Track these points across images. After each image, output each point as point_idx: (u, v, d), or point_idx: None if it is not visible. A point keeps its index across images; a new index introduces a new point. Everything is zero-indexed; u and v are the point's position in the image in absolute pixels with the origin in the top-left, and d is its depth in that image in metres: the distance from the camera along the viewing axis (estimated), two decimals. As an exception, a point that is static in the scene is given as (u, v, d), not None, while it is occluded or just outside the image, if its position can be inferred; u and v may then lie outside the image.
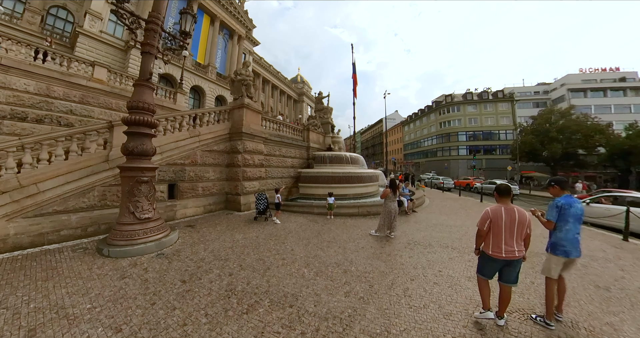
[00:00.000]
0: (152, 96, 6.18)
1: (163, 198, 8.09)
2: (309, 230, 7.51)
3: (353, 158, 15.93)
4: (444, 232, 7.43)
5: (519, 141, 35.36)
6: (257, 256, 5.16)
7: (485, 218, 3.07)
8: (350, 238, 6.73)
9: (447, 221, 8.94)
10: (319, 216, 9.65)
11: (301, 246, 5.97)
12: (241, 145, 10.97)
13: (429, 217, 9.67)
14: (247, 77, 12.12)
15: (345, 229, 7.70)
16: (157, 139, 7.76)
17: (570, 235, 3.07)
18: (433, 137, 54.68)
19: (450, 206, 12.85)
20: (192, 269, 4.42)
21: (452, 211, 11.26)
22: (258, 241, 6.25)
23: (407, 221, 8.93)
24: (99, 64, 12.20)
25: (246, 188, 10.92)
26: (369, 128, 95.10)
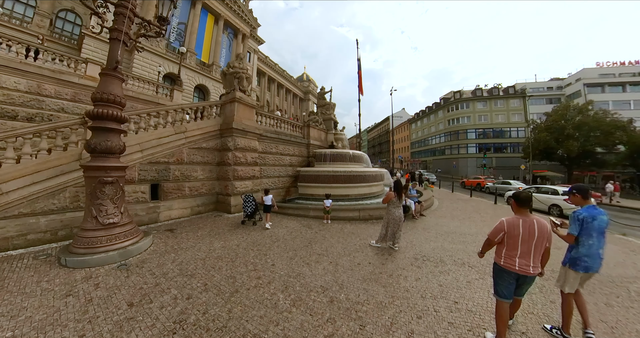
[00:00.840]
0: (121, 88, 5.50)
1: (144, 199, 7.42)
2: (300, 238, 6.45)
3: (356, 155, 14.75)
4: (458, 243, 6.20)
5: (532, 139, 33.36)
6: (229, 273, 4.27)
7: (500, 229, 2.73)
8: (346, 249, 5.62)
9: (460, 228, 7.68)
10: (315, 220, 8.57)
11: (285, 259, 4.95)
12: (232, 142, 10.05)
13: (439, 223, 8.45)
14: (240, 70, 11.13)
15: (342, 237, 6.59)
16: (138, 136, 7.32)
17: (593, 250, 2.80)
18: (441, 135, 52.68)
19: (462, 208, 11.51)
20: (148, 287, 3.70)
21: (464, 215, 9.99)
22: (237, 251, 5.33)
23: (414, 227, 7.73)
24: (92, 61, 11.73)
25: (237, 188, 9.97)
26: (375, 126, 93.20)
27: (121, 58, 5.41)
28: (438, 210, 10.83)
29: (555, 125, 30.85)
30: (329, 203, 8.31)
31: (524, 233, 2.59)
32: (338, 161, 14.03)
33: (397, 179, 5.87)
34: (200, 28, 26.12)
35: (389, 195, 5.61)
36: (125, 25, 5.41)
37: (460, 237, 6.70)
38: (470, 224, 8.38)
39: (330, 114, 16.92)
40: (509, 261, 2.66)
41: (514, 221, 2.67)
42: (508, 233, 2.67)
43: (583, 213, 2.82)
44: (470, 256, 5.29)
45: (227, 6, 28.47)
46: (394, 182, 5.75)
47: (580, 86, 40.78)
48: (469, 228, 7.74)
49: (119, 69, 5.37)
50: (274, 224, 7.83)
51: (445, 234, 6.98)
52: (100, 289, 3.62)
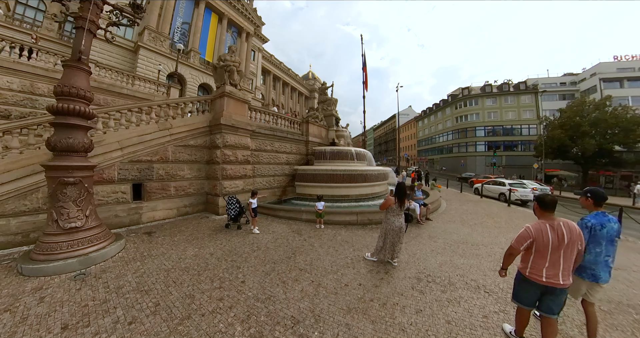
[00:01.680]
0: (87, 80, 5.05)
1: (125, 199, 6.98)
2: (284, 247, 5.54)
3: (358, 153, 13.69)
4: (470, 257, 5.12)
5: (545, 137, 31.49)
6: (189, 290, 3.59)
7: (525, 237, 2.42)
8: (335, 264, 4.65)
9: (471, 237, 6.56)
10: (308, 224, 7.63)
11: (259, 275, 4.11)
12: (220, 139, 9.28)
13: (447, 229, 7.33)
14: (231, 62, 10.27)
15: (333, 247, 5.61)
16: (118, 133, 6.90)
17: (600, 259, 2.63)
18: (449, 132, 50.76)
19: (472, 211, 10.26)
20: (94, 305, 3.20)
21: (475, 219, 8.77)
22: (209, 261, 4.61)
23: (419, 235, 6.66)
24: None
25: (226, 188, 9.21)
26: (381, 124, 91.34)
27: (86, 48, 4.94)
28: (446, 213, 9.67)
29: (569, 122, 28.94)
30: (322, 205, 7.34)
31: (554, 240, 2.31)
32: (339, 159, 13.05)
33: (399, 182, 4.71)
34: (204, 27, 25.91)
35: (388, 201, 4.56)
36: (91, 12, 4.98)
37: (472, 249, 5.60)
38: (483, 231, 7.25)
39: (332, 110, 15.88)
40: (536, 272, 2.40)
41: (540, 227, 2.37)
42: (537, 241, 2.37)
43: (591, 221, 2.66)
44: (486, 275, 4.24)
45: (230, 5, 28.08)
46: (396, 185, 4.63)
47: (595, 81, 38.38)
48: (482, 237, 6.63)
49: (83, 59, 4.89)
50: (262, 227, 7.10)
51: (455, 244, 5.89)
52: (43, 304, 3.18)
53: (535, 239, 2.38)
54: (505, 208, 11.32)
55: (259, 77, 38.31)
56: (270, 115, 12.27)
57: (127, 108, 7.49)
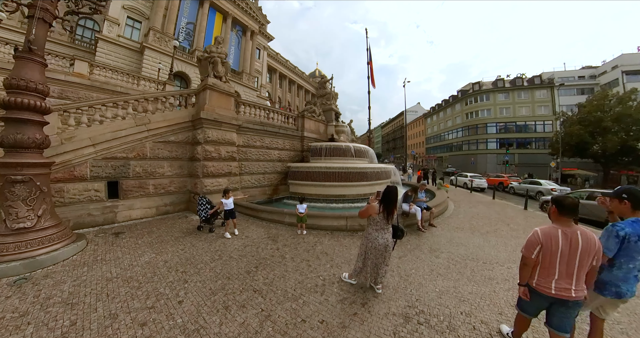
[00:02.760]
0: (40, 73, 4.66)
1: (99, 197, 6.54)
2: (250, 257, 4.57)
3: (358, 150, 12.45)
4: (482, 281, 3.82)
5: (562, 133, 29.13)
6: (117, 307, 3.00)
7: (534, 242, 2.08)
8: (300, 286, 3.56)
9: (483, 250, 5.21)
10: (289, 228, 6.58)
11: (204, 294, 3.31)
12: (201, 134, 8.47)
13: (453, 238, 5.95)
14: (216, 54, 9.35)
15: (307, 260, 4.51)
16: (91, 129, 6.50)
17: (631, 275, 2.09)
18: (458, 129, 48.28)
19: (483, 215, 8.69)
20: (11, 318, 2.76)
21: (488, 225, 7.28)
22: (157, 271, 3.96)
23: (418, 246, 5.37)
24: (80, 58, 11.44)
25: (207, 186, 8.38)
26: (389, 122, 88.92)
27: (39, 38, 4.55)
28: (453, 218, 8.23)
29: (590, 117, 26.53)
30: (303, 208, 6.23)
31: (565, 248, 1.95)
32: (337, 155, 11.86)
33: (390, 186, 3.33)
34: (209, 27, 25.54)
35: (370, 208, 3.34)
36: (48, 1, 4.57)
37: (484, 268, 4.29)
38: (498, 242, 5.88)
39: (331, 104, 14.66)
40: (543, 283, 2.04)
41: (551, 232, 2.01)
42: (544, 248, 2.02)
43: (626, 229, 2.03)
44: (503, 314, 3.00)
45: (234, 4, 27.59)
46: (384, 189, 3.34)
47: (617, 74, 35.40)
48: (496, 250, 5.26)
49: (34, 50, 4.47)
50: (241, 229, 6.39)
51: (462, 261, 4.58)
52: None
53: (542, 245, 2.03)
54: (521, 212, 9.68)
55: (265, 76, 37.63)
56: (262, 109, 11.18)
57: (101, 103, 7.00)
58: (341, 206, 9.42)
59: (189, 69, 23.34)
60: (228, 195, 6.14)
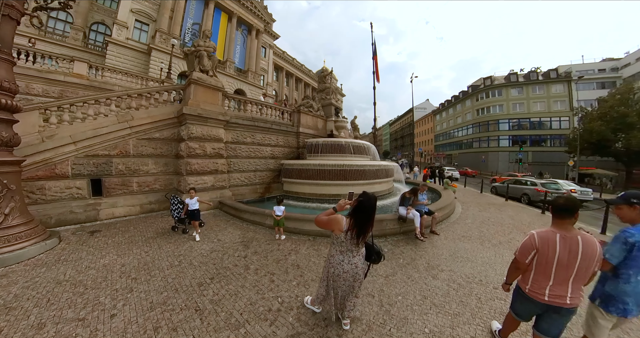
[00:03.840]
0: (7, 70, 4.52)
1: (81, 195, 6.39)
2: (210, 265, 4.02)
3: (357, 146, 11.43)
4: (494, 320, 2.80)
5: (580, 130, 26.90)
6: (50, 316, 2.67)
7: (529, 247, 1.91)
8: (249, 309, 2.81)
9: (495, 270, 4.02)
10: (268, 231, 5.88)
11: (140, 310, 2.84)
12: (185, 130, 7.95)
13: (458, 251, 4.80)
14: (202, 47, 8.78)
15: (272, 274, 3.72)
16: (73, 127, 6.34)
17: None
18: (469, 126, 45.93)
19: (495, 221, 7.38)
20: None
21: (501, 233, 6.02)
22: (108, 277, 3.60)
23: (412, 261, 4.29)
24: (79, 59, 11.43)
25: (190, 184, 7.77)
26: (397, 119, 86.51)
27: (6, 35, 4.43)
28: (460, 223, 6.99)
29: (612, 112, 24.26)
30: (280, 210, 5.39)
31: (563, 254, 1.77)
32: (334, 152, 10.91)
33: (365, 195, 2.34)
34: (214, 27, 25.33)
35: (333, 222, 2.37)
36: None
37: (496, 297, 3.20)
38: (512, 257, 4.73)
39: (331, 99, 13.63)
40: (537, 290, 1.89)
41: (548, 237, 1.84)
42: (539, 253, 1.84)
43: (637, 236, 1.78)
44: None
45: (239, 3, 27.30)
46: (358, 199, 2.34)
47: (643, 66, 32.54)
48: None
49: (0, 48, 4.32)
50: (212, 232, 5.80)
51: (467, 284, 3.51)
52: None
53: (538, 250, 1.83)
54: (539, 217, 8.23)
55: (272, 74, 37.21)
56: (253, 104, 10.32)
57: (82, 100, 6.81)
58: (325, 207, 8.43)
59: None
60: (192, 194, 5.49)
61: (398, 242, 5.19)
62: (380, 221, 5.60)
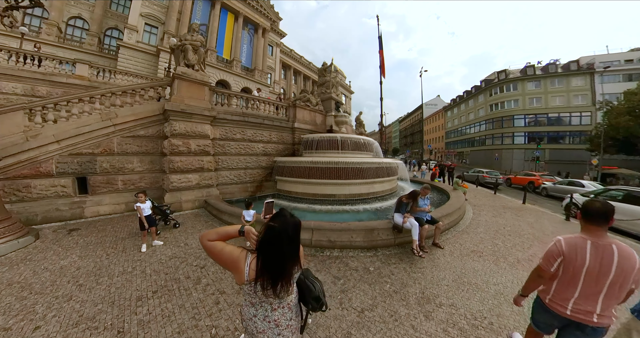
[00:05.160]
0: None
1: (66, 193, 6.28)
2: (161, 275, 3.56)
3: (357, 142, 10.38)
4: None
5: (605, 125, 24.39)
6: None
7: (555, 253, 1.66)
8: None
9: (512, 306, 2.80)
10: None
11: (65, 324, 2.49)
12: (168, 127, 7.44)
13: (465, 273, 3.69)
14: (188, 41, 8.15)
15: (224, 292, 3.09)
16: (56, 126, 6.23)
17: None
18: (481, 122, 43.26)
19: (512, 229, 6.04)
20: None
21: (519, 247, 4.82)
22: (57, 281, 3.31)
23: (402, 288, 3.25)
24: (80, 61, 11.44)
25: (173, 183, 7.32)
26: (407, 116, 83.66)
27: None
28: (470, 232, 5.70)
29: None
30: (250, 215, 4.70)
31: (593, 264, 1.52)
32: (333, 149, 9.93)
33: (276, 217, 1.34)
34: (221, 27, 25.34)
35: (226, 260, 1.35)
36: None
37: None
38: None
39: (330, 92, 12.55)
40: (559, 301, 1.64)
41: (577, 243, 1.59)
42: (565, 260, 1.60)
43: None
44: None
45: (245, 3, 26.99)
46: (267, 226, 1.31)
47: (677, 56, 29.20)
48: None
49: None
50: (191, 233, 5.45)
51: (473, 330, 2.48)
52: None
53: (565, 257, 1.59)
54: (564, 225, 6.85)
55: (279, 72, 36.60)
56: (243, 98, 9.45)
57: (66, 100, 6.66)
58: (326, 210, 7.49)
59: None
60: (141, 198, 4.70)
61: (390, 257, 4.17)
62: (370, 230, 4.59)
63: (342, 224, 4.71)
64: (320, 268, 3.80)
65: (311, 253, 4.34)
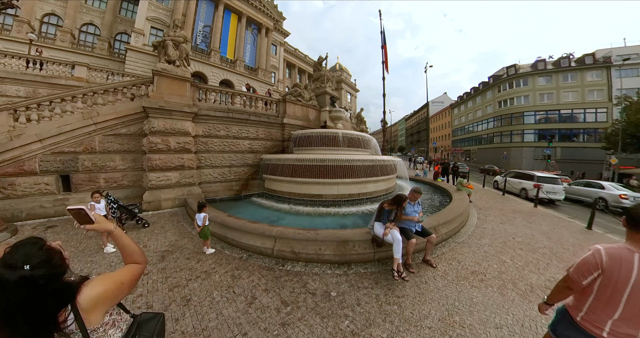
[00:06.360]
0: None
1: (50, 190, 6.20)
2: None
3: (351, 138, 9.43)
4: None
5: (622, 123, 22.16)
6: None
7: (592, 265, 1.35)
8: None
9: None
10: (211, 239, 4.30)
11: None
12: (147, 125, 7.03)
13: (457, 307, 2.66)
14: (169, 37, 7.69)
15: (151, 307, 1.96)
16: (39, 125, 6.17)
17: None
18: (489, 119, 40.91)
19: (523, 240, 4.89)
20: None
21: (532, 267, 3.67)
22: None
23: (365, 328, 2.32)
24: (79, 63, 11.32)
25: (151, 181, 6.93)
26: (413, 114, 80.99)
27: None
28: (472, 244, 4.59)
29: (665, 101, 19.60)
30: (200, 219, 3.93)
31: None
32: (326, 145, 9.08)
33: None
34: (225, 27, 25.17)
35: None
36: None
37: None
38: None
39: (325, 87, 11.54)
40: (594, 321, 1.34)
41: (622, 255, 1.28)
42: (605, 274, 1.30)
43: None
44: None
45: (248, 3, 26.60)
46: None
47: None
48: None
49: None
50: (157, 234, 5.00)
51: None
52: None
53: (604, 270, 1.29)
54: (585, 235, 5.62)
55: (283, 71, 35.85)
56: (229, 94, 8.65)
57: (49, 100, 6.55)
58: (308, 212, 6.62)
59: (205, 68, 23.38)
60: (96, 198, 4.19)
61: (363, 278, 3.22)
62: (343, 241, 3.67)
63: (310, 232, 3.80)
64: (271, 287, 2.97)
65: (269, 266, 3.50)
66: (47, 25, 18.49)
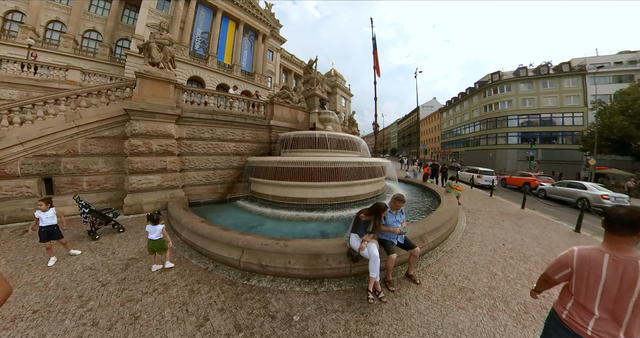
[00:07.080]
0: None
1: (31, 194, 5.82)
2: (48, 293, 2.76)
3: (339, 140, 8.94)
4: None
5: (598, 126, 22.12)
6: None
7: (562, 264, 1.40)
8: None
9: None
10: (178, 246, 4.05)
11: None
12: (129, 127, 6.55)
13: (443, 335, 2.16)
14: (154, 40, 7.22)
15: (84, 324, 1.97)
16: (21, 128, 5.74)
17: None
18: (476, 123, 40.81)
19: (513, 247, 4.43)
20: None
21: (525, 279, 3.20)
22: None
23: None
24: (72, 67, 10.81)
25: (133, 184, 6.45)
26: (405, 118, 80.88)
27: None
28: (461, 253, 4.07)
29: (636, 106, 19.52)
30: (155, 232, 3.46)
31: (612, 280, 1.21)
32: (313, 147, 8.57)
33: None
34: (222, 34, 24.90)
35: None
36: None
37: None
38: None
39: (314, 89, 11.01)
40: (577, 320, 1.31)
41: (591, 256, 1.29)
42: (576, 274, 1.32)
43: None
44: None
45: (245, 11, 26.39)
46: None
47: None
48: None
49: None
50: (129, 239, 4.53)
51: None
52: None
53: (573, 271, 1.32)
54: (575, 238, 5.26)
55: (279, 76, 35.36)
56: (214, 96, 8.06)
57: (31, 103, 6.24)
58: (290, 217, 6.05)
59: (203, 73, 22.99)
60: (42, 206, 3.60)
61: (335, 298, 2.69)
62: (315, 255, 3.13)
63: (278, 244, 3.25)
64: (228, 306, 2.47)
65: (233, 280, 2.98)
66: (51, 31, 18.31)
